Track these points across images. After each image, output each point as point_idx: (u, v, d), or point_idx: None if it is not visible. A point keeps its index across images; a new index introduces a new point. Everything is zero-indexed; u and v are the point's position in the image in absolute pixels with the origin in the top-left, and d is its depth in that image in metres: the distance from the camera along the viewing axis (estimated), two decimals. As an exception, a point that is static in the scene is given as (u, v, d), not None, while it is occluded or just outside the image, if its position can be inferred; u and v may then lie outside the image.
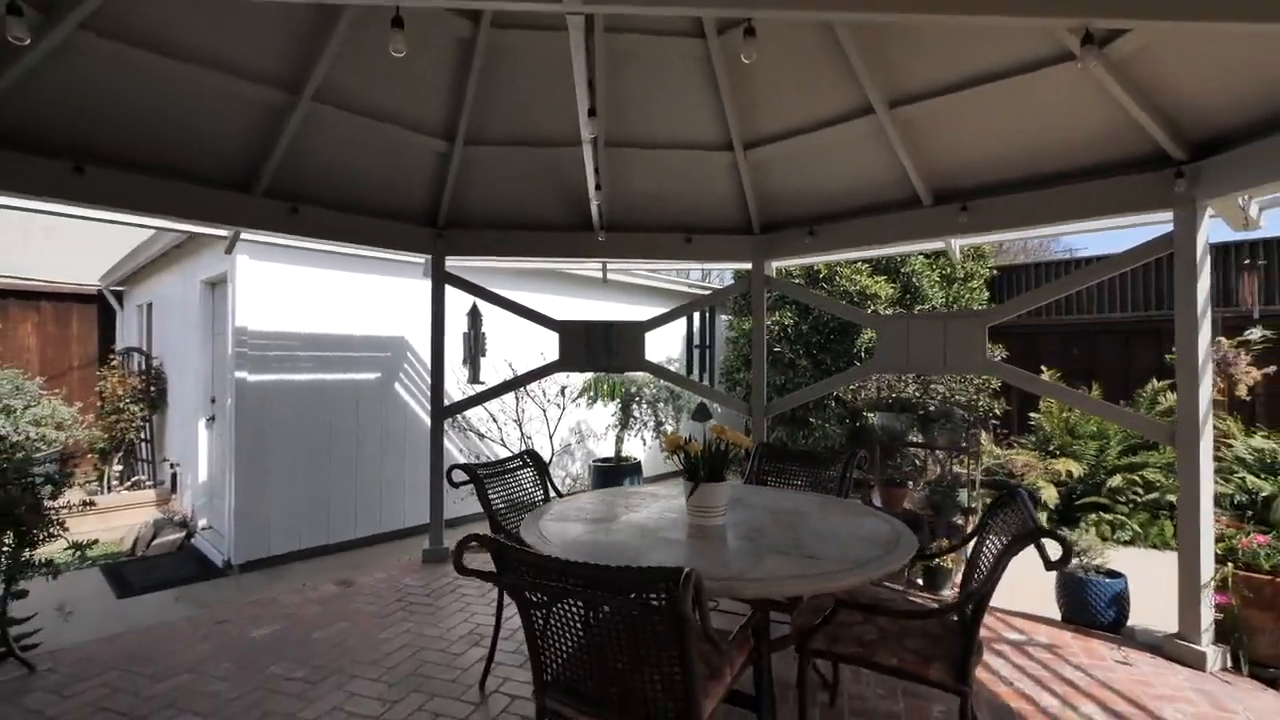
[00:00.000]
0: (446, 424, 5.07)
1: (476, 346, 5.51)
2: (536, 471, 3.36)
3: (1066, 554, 1.82)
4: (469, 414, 6.30)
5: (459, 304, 5.34)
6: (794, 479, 3.49)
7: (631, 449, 7.36)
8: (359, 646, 3.32)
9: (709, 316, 10.04)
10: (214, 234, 4.44)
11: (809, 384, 6.63)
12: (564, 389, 6.97)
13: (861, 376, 5.86)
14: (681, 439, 2.46)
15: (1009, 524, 2.19)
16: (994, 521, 2.29)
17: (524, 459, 3.36)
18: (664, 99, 4.20)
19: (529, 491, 3.29)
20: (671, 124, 4.36)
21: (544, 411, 6.83)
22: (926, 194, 4.07)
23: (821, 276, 7.23)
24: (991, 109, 3.54)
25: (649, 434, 7.39)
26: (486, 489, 3.00)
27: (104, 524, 6.68)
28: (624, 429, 7.19)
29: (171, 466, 7.48)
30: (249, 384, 5.47)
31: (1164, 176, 3.24)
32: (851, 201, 4.45)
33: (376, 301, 6.30)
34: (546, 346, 5.35)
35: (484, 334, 5.55)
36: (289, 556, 5.63)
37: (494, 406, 6.56)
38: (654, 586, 1.53)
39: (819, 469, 3.40)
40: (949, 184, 4.03)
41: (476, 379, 5.49)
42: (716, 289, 10.25)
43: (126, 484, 7.69)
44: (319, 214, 4.21)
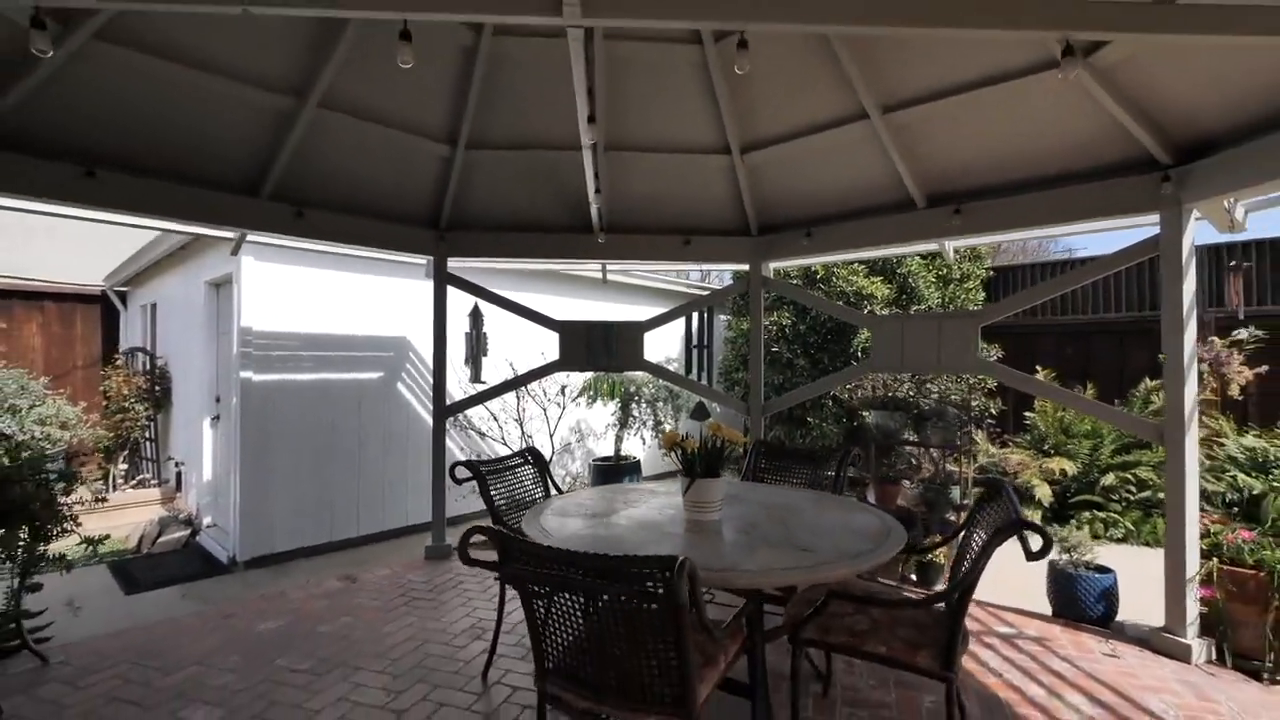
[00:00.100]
0: (448, 423, 5.13)
1: (478, 346, 5.58)
2: (537, 469, 3.43)
3: (1046, 545, 1.89)
4: (470, 413, 6.36)
5: (461, 304, 5.41)
6: (790, 476, 3.55)
7: (631, 448, 7.44)
8: (363, 640, 3.39)
9: (707, 317, 10.11)
10: (221, 236, 4.53)
11: (806, 383, 6.71)
12: (564, 388, 7.04)
13: (857, 376, 5.93)
14: (678, 436, 2.53)
15: (994, 517, 2.27)
16: (981, 515, 2.37)
17: (525, 456, 3.43)
18: (662, 103, 4.27)
19: (530, 488, 3.35)
20: (670, 128, 4.43)
21: (544, 410, 6.90)
22: (920, 197, 4.15)
23: (819, 277, 7.30)
24: (983, 114, 3.61)
25: (648, 433, 7.47)
26: (489, 485, 3.06)
27: (109, 522, 6.73)
28: (623, 428, 7.27)
29: (176, 465, 7.56)
30: (253, 384, 5.55)
31: (1151, 180, 3.32)
32: (847, 204, 4.54)
33: (379, 302, 6.37)
34: (547, 346, 5.42)
35: (485, 334, 5.63)
36: (293, 554, 5.71)
37: (495, 405, 6.63)
38: (651, 575, 1.60)
39: (815, 466, 3.46)
40: (942, 187, 4.11)
41: (478, 378, 5.56)
42: (715, 289, 10.32)
43: (132, 482, 7.77)
44: (324, 217, 4.28)
